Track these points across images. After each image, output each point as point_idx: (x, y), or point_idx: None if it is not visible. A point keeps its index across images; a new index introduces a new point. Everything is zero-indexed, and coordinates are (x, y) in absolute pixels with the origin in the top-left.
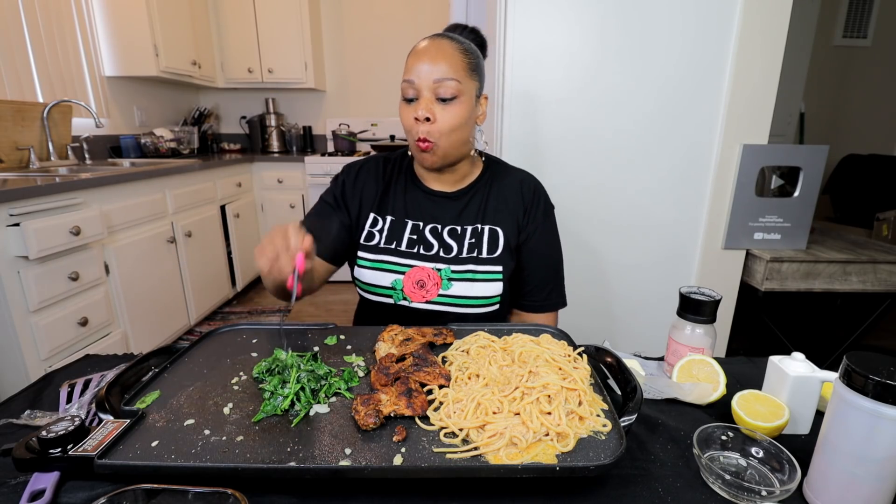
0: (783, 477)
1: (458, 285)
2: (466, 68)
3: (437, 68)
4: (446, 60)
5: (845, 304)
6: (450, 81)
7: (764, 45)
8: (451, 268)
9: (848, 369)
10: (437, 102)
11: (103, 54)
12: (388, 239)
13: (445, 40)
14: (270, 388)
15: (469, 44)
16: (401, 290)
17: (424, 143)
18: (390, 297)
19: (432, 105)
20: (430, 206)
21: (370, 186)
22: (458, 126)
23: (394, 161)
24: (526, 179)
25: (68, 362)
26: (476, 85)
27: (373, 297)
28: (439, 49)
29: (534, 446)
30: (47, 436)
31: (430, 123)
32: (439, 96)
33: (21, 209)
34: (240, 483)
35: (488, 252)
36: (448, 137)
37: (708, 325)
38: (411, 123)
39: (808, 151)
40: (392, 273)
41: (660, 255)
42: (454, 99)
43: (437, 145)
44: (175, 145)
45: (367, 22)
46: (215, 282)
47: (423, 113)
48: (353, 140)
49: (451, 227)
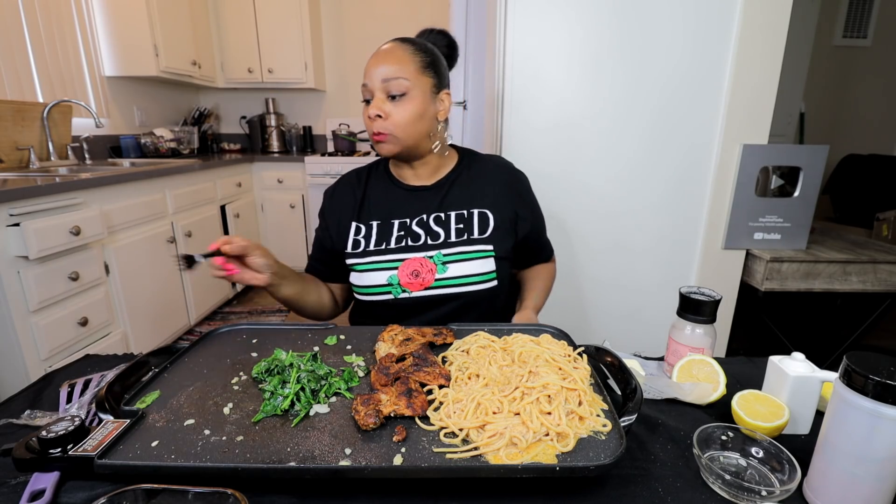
0: (783, 477)
1: (453, 266)
2: (417, 66)
3: (385, 69)
4: (395, 61)
5: (845, 304)
6: (397, 80)
7: (764, 45)
8: (443, 251)
9: (848, 369)
10: (388, 100)
11: (103, 54)
12: (377, 241)
13: (397, 43)
14: (270, 388)
15: (424, 44)
16: (398, 284)
17: (378, 136)
18: (389, 294)
19: (383, 104)
20: (412, 201)
21: (347, 200)
22: (411, 120)
23: (368, 169)
24: (499, 163)
25: (68, 362)
26: (430, 81)
27: (372, 297)
28: (388, 52)
29: (534, 446)
30: (47, 436)
31: (382, 120)
32: (389, 93)
33: (21, 209)
34: (240, 483)
35: (479, 233)
36: (404, 130)
37: (708, 325)
38: (368, 122)
39: (808, 151)
40: (386, 270)
41: (660, 254)
42: (404, 95)
43: (392, 136)
44: (175, 145)
45: (367, 22)
46: (215, 282)
47: (374, 111)
48: (353, 140)
49: (435, 215)
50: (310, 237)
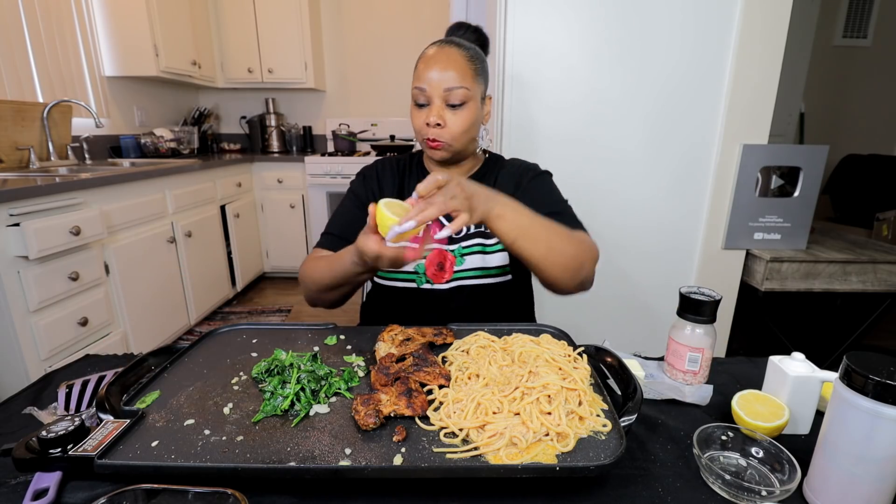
0: (783, 477)
1: (470, 259)
2: (473, 74)
3: (446, 76)
4: (455, 69)
5: (845, 304)
6: (459, 89)
7: (764, 45)
8: (462, 244)
9: (848, 369)
10: (446, 108)
11: (103, 54)
12: None
13: (453, 48)
14: (270, 388)
15: (475, 49)
16: (423, 275)
17: (434, 143)
18: (412, 282)
19: (443, 111)
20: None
21: (388, 181)
22: (466, 129)
23: (406, 160)
24: (514, 161)
25: (68, 362)
26: (482, 88)
27: (394, 282)
28: (448, 57)
29: (534, 446)
30: (47, 436)
31: (440, 129)
32: (449, 103)
33: (21, 209)
34: (240, 483)
35: None
36: (458, 139)
37: (708, 325)
38: (422, 126)
39: (808, 151)
40: None
41: (660, 254)
42: (462, 105)
43: (447, 144)
44: (175, 145)
45: (367, 22)
46: (215, 282)
47: (435, 119)
48: (353, 140)
49: None
50: (310, 237)
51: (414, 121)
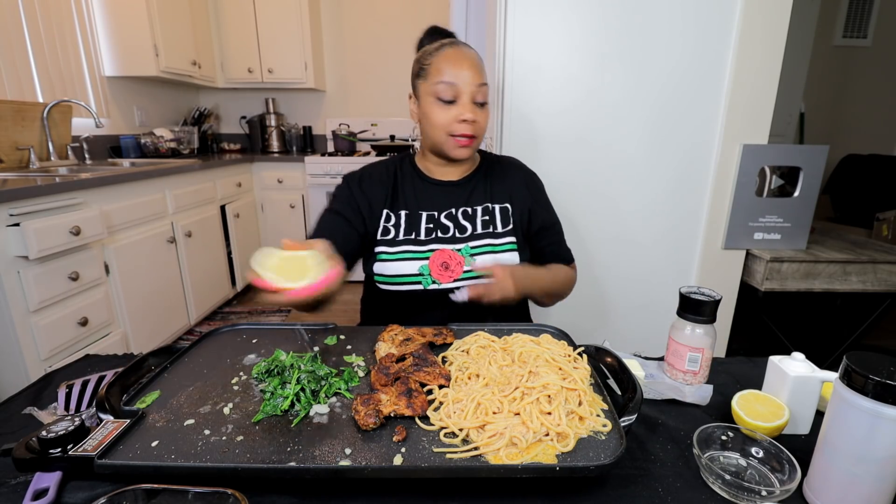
0: (783, 477)
1: (480, 259)
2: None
3: (476, 75)
4: (478, 68)
5: (845, 304)
6: (485, 87)
7: (764, 45)
8: (470, 244)
9: (848, 369)
10: (476, 106)
11: (103, 54)
12: (406, 231)
13: (468, 48)
14: (271, 388)
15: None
16: (429, 275)
17: (467, 139)
18: (418, 284)
19: (475, 108)
20: (440, 195)
21: (377, 189)
22: (486, 126)
23: (395, 163)
24: (514, 162)
25: (68, 362)
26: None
27: (399, 287)
28: (474, 58)
29: (534, 446)
30: (47, 436)
31: (474, 124)
32: (476, 100)
33: (21, 209)
34: (240, 483)
35: (503, 227)
36: (482, 136)
37: (708, 325)
38: (449, 122)
39: (808, 151)
40: (417, 260)
41: (660, 254)
42: (485, 104)
43: (475, 140)
44: (175, 145)
45: (367, 22)
46: (215, 282)
47: (471, 116)
48: (353, 140)
49: (463, 210)
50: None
51: (438, 117)
